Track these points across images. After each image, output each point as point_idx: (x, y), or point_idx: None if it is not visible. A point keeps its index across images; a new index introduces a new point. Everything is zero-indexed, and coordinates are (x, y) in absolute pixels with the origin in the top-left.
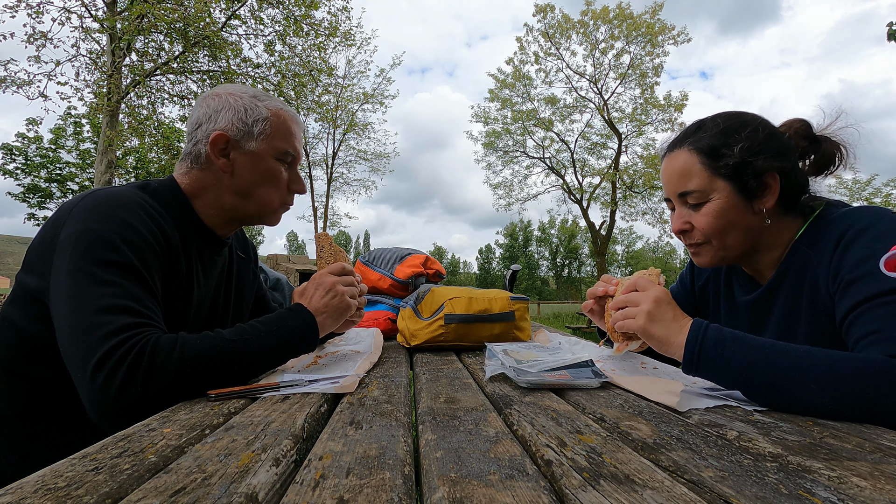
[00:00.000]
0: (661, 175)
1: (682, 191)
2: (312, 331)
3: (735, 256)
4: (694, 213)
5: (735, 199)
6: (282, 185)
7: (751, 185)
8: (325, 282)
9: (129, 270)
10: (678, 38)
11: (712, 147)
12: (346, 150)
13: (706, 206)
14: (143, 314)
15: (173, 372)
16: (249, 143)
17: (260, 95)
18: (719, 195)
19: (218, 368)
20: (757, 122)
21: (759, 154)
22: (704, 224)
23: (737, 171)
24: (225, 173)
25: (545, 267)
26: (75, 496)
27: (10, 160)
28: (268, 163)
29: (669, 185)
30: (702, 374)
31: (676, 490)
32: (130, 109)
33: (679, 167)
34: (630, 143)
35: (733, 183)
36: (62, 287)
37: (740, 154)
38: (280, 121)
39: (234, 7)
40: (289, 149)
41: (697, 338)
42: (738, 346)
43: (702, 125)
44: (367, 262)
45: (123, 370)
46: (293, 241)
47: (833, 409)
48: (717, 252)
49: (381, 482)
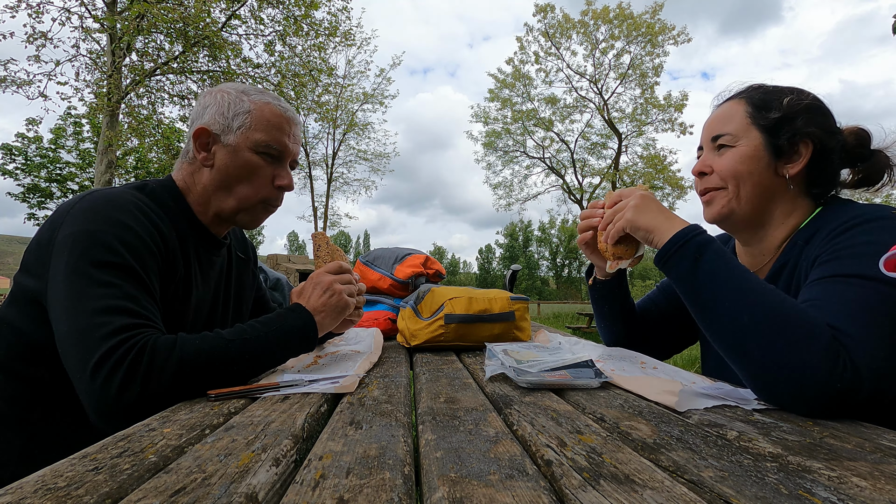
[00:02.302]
0: (703, 126)
1: (716, 133)
2: (311, 330)
3: (744, 215)
4: (717, 158)
5: (762, 151)
6: (261, 179)
7: (783, 144)
8: (322, 281)
9: (126, 271)
10: (678, 38)
11: (763, 100)
12: (346, 150)
13: (731, 151)
14: (141, 315)
15: (173, 372)
16: (228, 137)
17: (249, 91)
18: (748, 143)
19: (217, 368)
20: (812, 95)
21: (800, 117)
22: (724, 165)
23: (775, 126)
24: (206, 167)
25: (545, 267)
26: (75, 496)
27: (10, 160)
28: (244, 156)
29: (707, 130)
30: (669, 267)
31: (676, 490)
32: (130, 109)
33: (723, 112)
34: (630, 143)
35: (767, 136)
36: (60, 288)
37: (784, 110)
38: (262, 114)
39: (234, 7)
40: (270, 141)
41: (687, 234)
42: (714, 258)
43: (762, 86)
44: (366, 262)
45: (123, 370)
46: (293, 242)
47: (750, 343)
48: (730, 202)
49: (381, 482)
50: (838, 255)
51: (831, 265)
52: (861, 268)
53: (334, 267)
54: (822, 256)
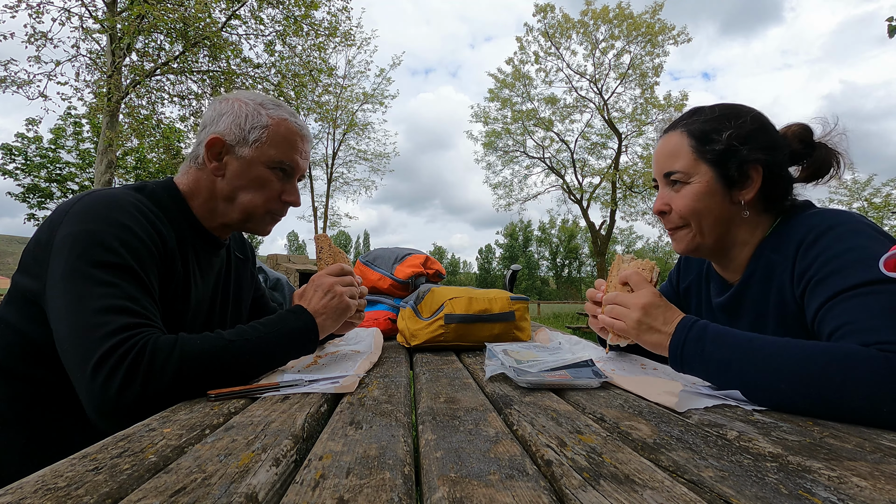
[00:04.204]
0: (653, 156)
1: (667, 170)
2: (312, 332)
3: (710, 246)
4: (674, 195)
5: (715, 185)
6: (270, 193)
7: (733, 175)
8: (323, 283)
9: (125, 271)
10: (678, 38)
11: (703, 132)
12: (346, 150)
13: (686, 188)
14: (141, 314)
15: (173, 372)
16: (243, 150)
17: (267, 104)
18: (700, 179)
19: (218, 369)
20: (750, 115)
21: (745, 144)
22: (682, 205)
23: (721, 157)
24: (216, 176)
25: (545, 267)
26: (75, 496)
27: (10, 160)
28: (257, 170)
29: (657, 165)
30: (686, 372)
31: (676, 490)
32: (130, 109)
33: (669, 148)
34: (630, 143)
35: (716, 169)
36: (59, 288)
37: (727, 141)
38: (279, 130)
39: (234, 7)
40: (284, 159)
41: (681, 338)
42: (716, 346)
43: (698, 111)
44: (367, 262)
45: (123, 370)
46: (293, 241)
47: (802, 405)
48: (694, 238)
49: (381, 482)
50: (833, 270)
51: (832, 281)
52: (864, 275)
53: (336, 269)
54: (812, 272)
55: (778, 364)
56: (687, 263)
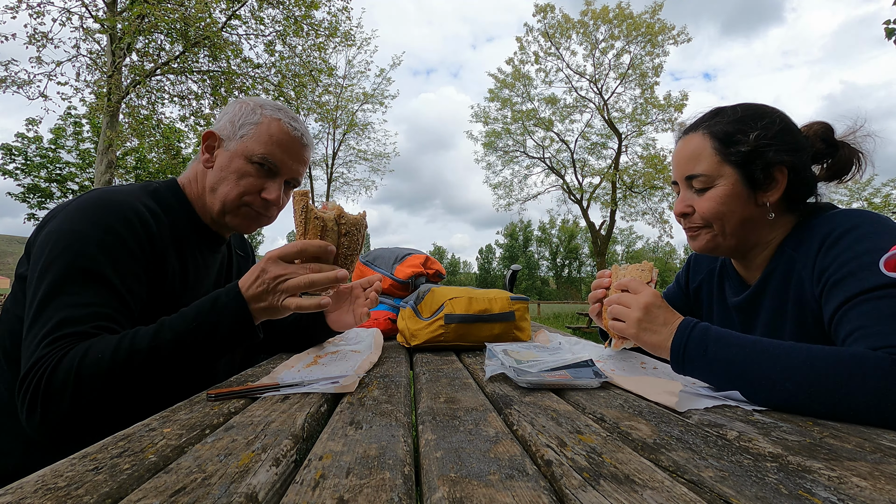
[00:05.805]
0: (672, 158)
1: (689, 174)
2: (244, 323)
3: (730, 246)
4: (697, 198)
5: (740, 187)
6: (246, 186)
7: (758, 177)
8: (267, 271)
9: (93, 278)
10: (678, 38)
11: (727, 133)
12: (346, 150)
13: (710, 192)
14: (83, 321)
15: (71, 396)
16: (231, 143)
17: (267, 106)
18: (725, 181)
19: (124, 382)
20: (775, 115)
21: (771, 146)
22: (706, 208)
23: (747, 159)
24: (207, 168)
25: (545, 267)
26: (75, 496)
27: (10, 160)
28: (237, 162)
29: (678, 168)
30: (688, 373)
31: (676, 490)
32: (130, 109)
33: (690, 150)
34: (630, 143)
35: (741, 171)
36: (32, 286)
37: (753, 142)
38: (268, 128)
39: (235, 7)
40: (266, 154)
41: (682, 339)
42: (719, 347)
43: (720, 111)
44: (367, 262)
45: (29, 396)
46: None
47: (809, 405)
48: (715, 238)
49: (381, 482)
50: (850, 272)
51: (849, 283)
52: (880, 278)
53: (294, 249)
54: (831, 271)
55: (785, 364)
56: (697, 263)
